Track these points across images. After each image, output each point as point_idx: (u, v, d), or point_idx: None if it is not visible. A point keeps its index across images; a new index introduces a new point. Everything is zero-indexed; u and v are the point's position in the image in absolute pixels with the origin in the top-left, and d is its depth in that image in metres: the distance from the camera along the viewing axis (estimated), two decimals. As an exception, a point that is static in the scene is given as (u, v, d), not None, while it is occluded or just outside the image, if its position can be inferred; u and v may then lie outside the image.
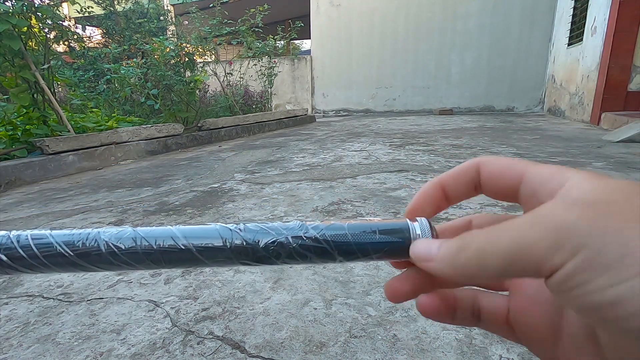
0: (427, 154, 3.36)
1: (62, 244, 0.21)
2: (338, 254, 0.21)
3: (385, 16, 8.86)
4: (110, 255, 0.21)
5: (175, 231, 0.22)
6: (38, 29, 3.48)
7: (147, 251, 0.21)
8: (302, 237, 0.21)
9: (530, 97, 8.32)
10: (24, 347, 0.94)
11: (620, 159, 2.88)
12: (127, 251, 0.21)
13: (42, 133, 3.28)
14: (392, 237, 0.21)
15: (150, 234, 0.22)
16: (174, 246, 0.22)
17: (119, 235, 0.21)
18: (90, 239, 0.21)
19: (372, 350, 0.88)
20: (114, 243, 0.21)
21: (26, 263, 0.21)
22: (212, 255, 0.22)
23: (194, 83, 4.92)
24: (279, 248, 0.21)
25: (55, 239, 0.21)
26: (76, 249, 0.21)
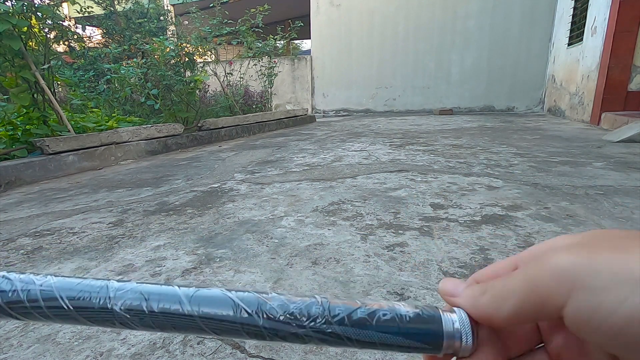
0: (427, 154, 3.36)
1: (67, 299, 0.20)
2: (360, 346, 0.20)
3: (385, 16, 8.86)
4: (118, 320, 0.20)
5: (183, 298, 0.20)
6: (38, 29, 3.48)
7: (155, 318, 0.20)
8: (323, 332, 0.20)
9: (530, 97, 8.32)
10: (24, 347, 0.94)
11: (620, 159, 2.88)
12: (135, 317, 0.20)
13: (42, 133, 3.28)
14: (421, 337, 0.19)
15: (158, 297, 0.20)
16: (181, 314, 0.20)
17: (126, 298, 0.20)
18: (101, 305, 0.20)
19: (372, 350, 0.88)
20: (123, 311, 0.20)
21: (25, 312, 0.20)
22: (221, 329, 0.20)
23: (194, 83, 4.92)
24: (297, 338, 0.20)
25: (60, 293, 0.20)
26: (80, 306, 0.20)
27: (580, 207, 1.80)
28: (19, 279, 0.21)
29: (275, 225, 1.72)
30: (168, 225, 1.77)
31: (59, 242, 1.62)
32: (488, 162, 2.91)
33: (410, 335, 0.20)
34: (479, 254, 1.34)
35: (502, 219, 1.68)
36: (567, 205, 1.84)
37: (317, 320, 0.20)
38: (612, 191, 2.03)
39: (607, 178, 2.30)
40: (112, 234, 1.68)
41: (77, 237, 1.67)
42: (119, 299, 0.20)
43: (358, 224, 1.69)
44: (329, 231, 1.62)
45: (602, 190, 2.05)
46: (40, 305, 0.20)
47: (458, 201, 1.96)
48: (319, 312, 0.20)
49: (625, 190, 2.04)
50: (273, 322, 0.20)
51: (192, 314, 0.20)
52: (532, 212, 1.76)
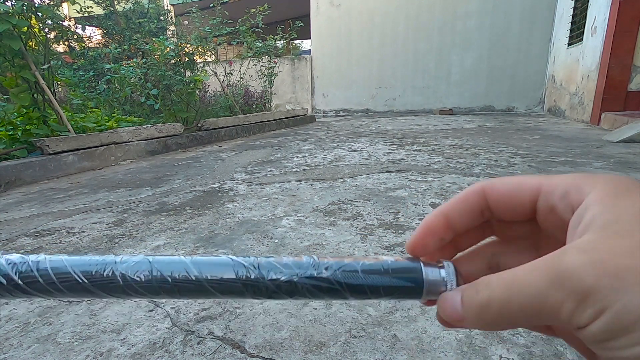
0: (427, 154, 3.36)
1: (80, 273, 0.22)
2: (350, 294, 0.22)
3: (385, 16, 8.86)
4: (126, 287, 0.22)
5: (189, 263, 0.23)
6: (38, 29, 3.48)
7: (162, 284, 0.22)
8: (315, 277, 0.22)
9: (530, 97, 8.32)
10: (24, 347, 0.94)
11: (620, 158, 2.88)
12: (142, 283, 0.22)
13: (42, 133, 3.28)
14: (405, 280, 0.21)
15: (165, 266, 0.22)
16: (188, 279, 0.22)
17: (135, 268, 0.22)
18: (108, 269, 0.22)
19: (372, 350, 0.88)
20: (130, 275, 0.22)
21: (42, 288, 0.21)
22: (224, 289, 0.22)
23: (194, 83, 4.92)
24: (291, 287, 0.22)
25: (73, 268, 0.22)
26: (93, 278, 0.22)
27: (580, 207, 1.80)
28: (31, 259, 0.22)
29: (275, 225, 1.72)
30: (168, 225, 1.77)
31: (59, 242, 1.62)
32: (488, 162, 2.91)
33: (395, 279, 0.21)
34: (479, 254, 1.34)
35: (502, 219, 1.68)
36: (567, 205, 1.83)
37: (309, 269, 0.22)
38: (612, 191, 2.03)
39: (607, 178, 2.30)
40: (112, 234, 1.68)
41: (77, 237, 1.67)
42: (135, 273, 0.22)
43: (358, 224, 1.69)
44: (329, 231, 1.62)
45: (602, 190, 2.05)
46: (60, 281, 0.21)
47: (458, 201, 1.96)
48: (310, 263, 0.22)
49: (625, 190, 2.04)
50: (270, 274, 0.22)
51: (200, 277, 0.22)
52: (532, 212, 1.76)
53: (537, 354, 0.84)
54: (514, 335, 0.90)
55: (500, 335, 0.91)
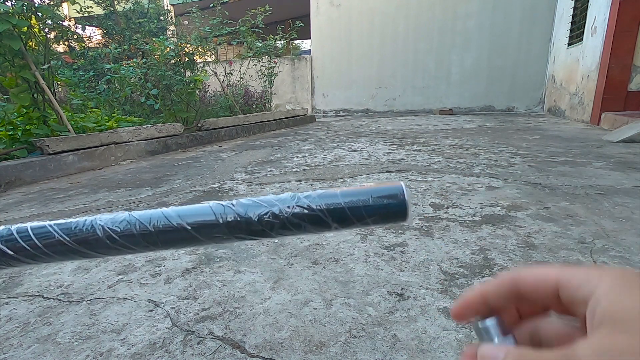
0: (427, 154, 3.36)
1: (60, 231, 0.21)
2: (332, 221, 0.21)
3: (385, 16, 8.86)
4: (108, 239, 0.21)
5: (169, 211, 0.22)
6: (38, 29, 3.48)
7: (143, 232, 0.21)
8: (295, 207, 0.21)
9: (530, 97, 8.32)
10: (24, 347, 0.94)
11: (620, 159, 2.88)
12: (123, 234, 0.21)
13: (42, 133, 3.28)
14: (387, 200, 0.21)
15: (145, 215, 0.22)
16: (169, 225, 0.22)
17: (114, 219, 0.22)
18: (87, 224, 0.22)
19: (372, 350, 0.88)
20: (110, 227, 0.21)
21: (28, 253, 0.21)
22: (206, 232, 0.22)
23: (194, 83, 4.92)
24: (273, 219, 0.21)
25: (53, 228, 0.22)
26: (74, 235, 0.21)
27: (580, 207, 1.80)
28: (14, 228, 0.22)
29: (275, 225, 1.72)
30: (168, 225, 1.77)
31: (59, 242, 1.62)
32: (488, 162, 2.91)
33: (376, 199, 0.21)
34: (479, 254, 1.34)
35: (502, 219, 1.68)
36: (567, 205, 1.84)
37: (290, 202, 0.21)
38: (612, 191, 2.03)
39: (607, 178, 2.30)
40: (112, 234, 1.68)
41: (77, 237, 1.67)
42: (114, 224, 0.21)
43: (358, 224, 1.68)
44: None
45: (602, 190, 2.05)
46: (44, 244, 0.21)
47: (458, 201, 1.96)
48: (290, 197, 0.22)
49: (625, 190, 2.04)
50: (252, 210, 0.21)
51: (182, 224, 0.21)
52: (532, 212, 1.76)
53: (537, 354, 0.84)
54: (514, 335, 0.90)
55: (500, 335, 0.91)
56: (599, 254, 1.31)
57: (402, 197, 0.21)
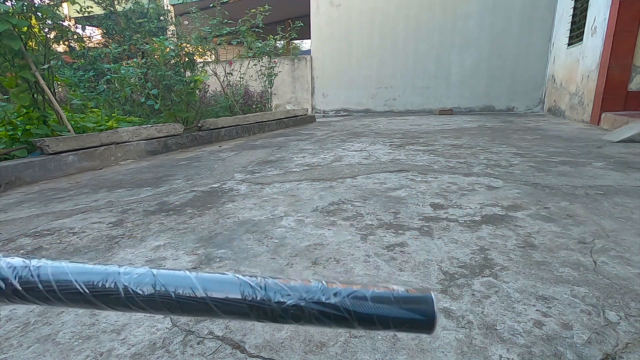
0: (427, 154, 3.36)
1: (82, 282, 0.21)
2: (357, 324, 0.21)
3: (385, 16, 8.86)
4: (128, 300, 0.21)
5: (194, 280, 0.21)
6: (38, 29, 3.48)
7: (165, 298, 0.21)
8: (323, 303, 0.21)
9: (530, 97, 8.32)
10: (24, 347, 0.94)
11: (620, 159, 2.88)
12: (144, 297, 0.21)
13: (42, 133, 3.28)
14: (415, 312, 0.20)
15: (170, 280, 0.21)
16: (192, 297, 0.21)
17: (139, 281, 0.21)
18: (110, 282, 0.21)
19: (372, 350, 0.88)
20: (132, 288, 0.21)
21: (40, 295, 0.21)
22: (229, 309, 0.21)
23: (194, 83, 4.92)
24: (299, 312, 0.21)
25: (75, 277, 0.21)
26: (94, 289, 0.21)
27: (580, 207, 1.80)
28: (33, 264, 0.21)
29: (275, 225, 1.72)
30: (168, 225, 1.77)
31: (59, 242, 1.62)
32: (488, 162, 2.91)
33: (405, 310, 0.21)
34: (479, 254, 1.34)
35: (502, 219, 1.68)
36: (567, 205, 1.84)
37: (317, 294, 0.21)
38: (612, 191, 2.03)
39: (607, 178, 2.30)
40: (112, 234, 1.68)
41: (77, 237, 1.67)
42: (138, 286, 0.21)
43: (358, 224, 1.69)
44: (329, 231, 1.62)
45: (602, 190, 2.05)
46: (60, 290, 0.20)
47: (458, 201, 1.96)
48: (318, 288, 0.21)
49: (625, 190, 2.04)
50: (277, 296, 0.21)
51: (205, 298, 0.21)
52: (532, 212, 1.76)
53: (537, 354, 0.84)
54: (514, 335, 0.90)
55: (500, 335, 0.91)
56: (599, 254, 1.31)
57: (432, 310, 0.21)
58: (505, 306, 1.02)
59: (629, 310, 0.98)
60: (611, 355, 0.83)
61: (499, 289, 1.11)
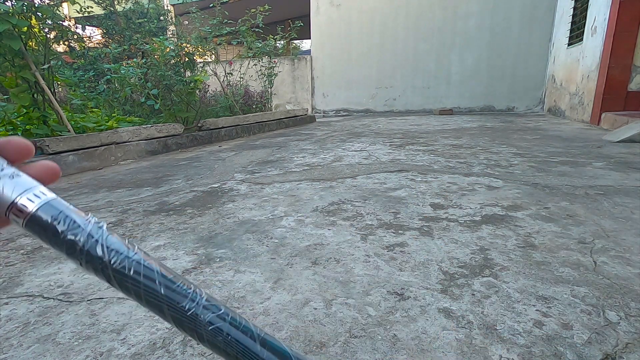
0: (427, 154, 3.36)
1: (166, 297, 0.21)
2: None
3: (385, 16, 8.86)
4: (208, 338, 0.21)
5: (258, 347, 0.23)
6: (38, 29, 3.48)
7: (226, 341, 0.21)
8: None
9: (530, 97, 8.32)
10: (24, 347, 0.94)
11: (620, 159, 2.88)
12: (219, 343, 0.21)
13: (42, 133, 3.28)
14: None
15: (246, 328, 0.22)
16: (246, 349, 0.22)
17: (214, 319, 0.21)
18: (191, 306, 0.21)
19: (372, 350, 0.88)
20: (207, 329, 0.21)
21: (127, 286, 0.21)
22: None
23: (194, 83, 4.92)
24: None
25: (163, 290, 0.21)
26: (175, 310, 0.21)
27: (580, 207, 1.80)
28: (131, 256, 0.21)
29: (275, 225, 1.72)
30: (168, 225, 1.77)
31: (59, 242, 1.62)
32: (488, 162, 2.91)
33: None
34: (479, 254, 1.34)
35: (502, 219, 1.68)
36: (567, 205, 1.84)
37: None
38: (612, 191, 2.03)
39: (607, 178, 2.30)
40: (112, 234, 1.68)
41: (77, 237, 1.67)
42: (210, 320, 0.21)
43: (358, 224, 1.69)
44: (329, 231, 1.62)
45: (602, 190, 2.05)
46: (140, 289, 0.20)
47: (458, 201, 1.96)
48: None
49: (625, 190, 2.04)
50: None
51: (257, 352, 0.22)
52: (532, 212, 1.76)
53: (537, 353, 0.84)
54: (514, 335, 0.90)
55: (500, 335, 0.91)
56: (599, 254, 1.31)
57: None
58: (505, 306, 1.02)
59: (629, 310, 0.98)
60: (611, 355, 0.83)
61: (499, 289, 1.11)
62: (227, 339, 0.21)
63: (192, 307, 0.21)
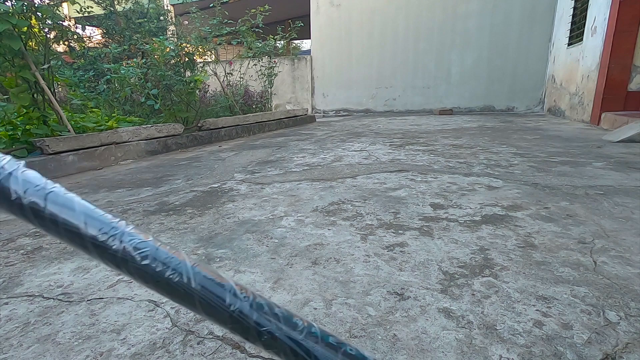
0: (427, 154, 3.36)
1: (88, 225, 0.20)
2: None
3: (385, 16, 8.86)
4: (122, 262, 0.21)
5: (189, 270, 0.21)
6: (38, 29, 3.48)
7: (155, 275, 0.21)
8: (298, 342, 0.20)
9: (530, 97, 8.32)
10: (24, 347, 0.94)
11: (620, 158, 2.88)
12: (138, 267, 0.20)
13: (42, 133, 3.27)
14: None
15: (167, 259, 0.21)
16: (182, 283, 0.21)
17: (139, 246, 0.21)
18: (114, 234, 0.21)
19: (372, 351, 0.88)
20: (130, 252, 0.20)
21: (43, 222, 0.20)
22: (210, 311, 0.21)
23: (194, 83, 4.92)
24: (271, 340, 0.20)
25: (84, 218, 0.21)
26: (95, 238, 0.20)
27: (580, 207, 1.80)
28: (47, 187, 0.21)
29: (275, 225, 1.72)
30: (168, 225, 1.77)
31: (58, 242, 1.62)
32: (488, 162, 2.91)
33: None
34: (479, 254, 1.34)
35: (502, 219, 1.68)
36: (567, 205, 1.84)
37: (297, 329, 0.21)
38: (612, 191, 2.03)
39: (607, 178, 2.30)
40: (112, 234, 1.68)
41: (77, 237, 1.67)
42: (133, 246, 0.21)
43: (358, 224, 1.69)
44: (329, 231, 1.62)
45: (602, 190, 2.05)
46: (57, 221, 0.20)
47: (458, 201, 1.96)
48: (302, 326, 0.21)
49: (625, 190, 2.04)
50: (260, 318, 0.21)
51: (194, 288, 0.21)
52: (532, 212, 1.76)
53: (537, 353, 0.84)
54: (514, 335, 0.90)
55: (500, 335, 0.91)
56: (599, 254, 1.31)
57: None
58: (505, 306, 1.02)
59: (629, 310, 0.99)
60: (611, 355, 0.83)
61: (499, 289, 1.11)
62: None
63: None
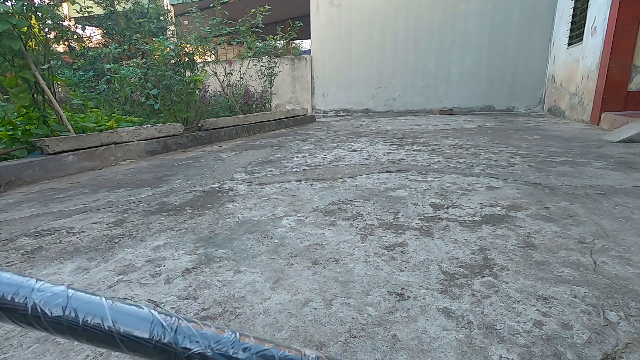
0: (427, 154, 3.36)
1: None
2: None
3: (385, 16, 8.86)
4: (34, 319, 0.20)
5: (106, 309, 0.21)
6: (38, 29, 3.48)
7: (72, 324, 0.20)
8: (229, 357, 0.20)
9: (530, 97, 8.32)
10: (24, 347, 0.94)
11: (620, 158, 2.88)
12: (52, 319, 0.20)
13: (42, 133, 3.27)
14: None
15: (82, 305, 0.20)
16: (99, 326, 0.20)
17: (50, 300, 0.20)
18: (21, 294, 0.20)
19: (372, 350, 0.88)
20: (42, 307, 0.20)
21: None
22: (134, 347, 0.20)
23: (194, 83, 4.92)
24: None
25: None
26: (3, 301, 0.20)
27: (580, 207, 1.80)
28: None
29: (275, 225, 1.72)
30: (168, 225, 1.77)
31: (58, 242, 1.62)
32: (488, 162, 2.91)
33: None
34: (479, 254, 1.34)
35: (502, 219, 1.68)
36: (567, 205, 1.84)
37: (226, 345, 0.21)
38: (612, 191, 2.03)
39: (607, 178, 2.30)
40: (112, 234, 1.68)
41: (77, 237, 1.67)
42: (47, 306, 0.20)
43: (358, 224, 1.69)
44: (329, 231, 1.62)
45: (602, 190, 2.05)
46: None
47: (458, 201, 1.96)
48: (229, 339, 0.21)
49: (625, 190, 2.04)
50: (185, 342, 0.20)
51: (112, 329, 0.20)
52: (532, 212, 1.76)
53: (537, 353, 0.84)
54: (514, 335, 0.90)
55: (500, 335, 0.91)
56: (599, 254, 1.31)
57: None
58: (505, 306, 1.02)
59: (629, 310, 0.98)
60: (611, 355, 0.83)
61: (499, 289, 1.11)
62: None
63: None
